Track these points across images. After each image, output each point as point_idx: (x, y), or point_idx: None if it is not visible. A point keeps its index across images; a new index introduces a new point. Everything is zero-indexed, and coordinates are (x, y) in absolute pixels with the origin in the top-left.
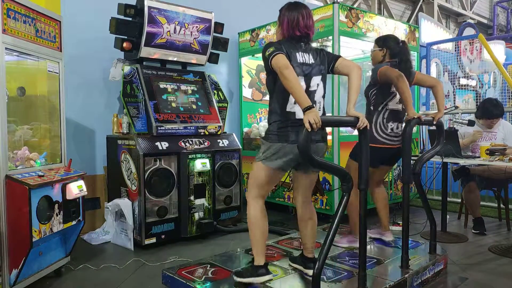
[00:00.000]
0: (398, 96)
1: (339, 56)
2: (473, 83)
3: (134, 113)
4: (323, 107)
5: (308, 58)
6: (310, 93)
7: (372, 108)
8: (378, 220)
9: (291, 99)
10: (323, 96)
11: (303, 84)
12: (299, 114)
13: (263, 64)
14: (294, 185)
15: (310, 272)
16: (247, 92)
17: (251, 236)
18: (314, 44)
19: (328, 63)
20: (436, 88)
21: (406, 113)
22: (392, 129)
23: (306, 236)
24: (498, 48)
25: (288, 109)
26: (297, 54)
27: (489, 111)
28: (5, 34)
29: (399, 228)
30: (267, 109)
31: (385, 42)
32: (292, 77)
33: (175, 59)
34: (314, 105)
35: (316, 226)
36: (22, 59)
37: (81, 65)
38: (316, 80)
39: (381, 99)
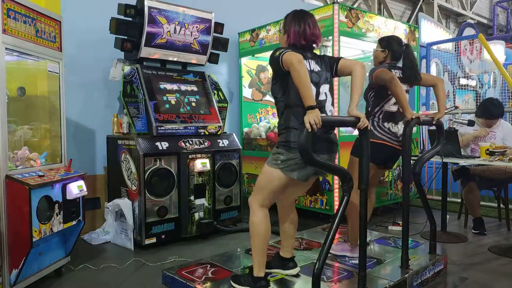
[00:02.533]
0: (394, 98)
1: (340, 58)
2: (473, 83)
3: (134, 113)
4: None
5: (315, 66)
6: (320, 103)
7: (369, 109)
8: (378, 220)
9: None
10: (332, 104)
11: (313, 92)
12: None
13: (263, 65)
14: (290, 188)
15: (290, 271)
16: (247, 92)
17: (253, 245)
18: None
19: (330, 67)
20: (438, 87)
21: (404, 115)
22: (388, 128)
23: (289, 236)
24: (498, 48)
25: None
26: (305, 61)
27: (489, 110)
28: (5, 34)
29: (399, 228)
30: (267, 109)
31: (388, 43)
32: (304, 71)
33: (175, 59)
34: (326, 114)
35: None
36: (22, 59)
37: (81, 65)
38: (324, 89)
39: (377, 101)
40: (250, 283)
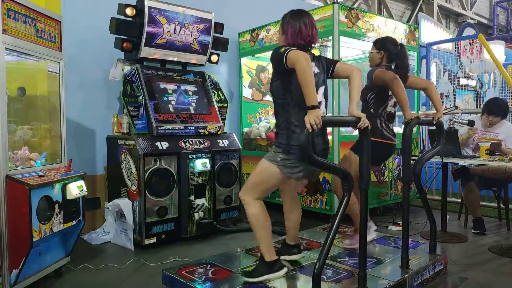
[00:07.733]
0: (393, 99)
1: (337, 61)
2: (473, 83)
3: (134, 113)
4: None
5: (314, 68)
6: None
7: (372, 111)
8: (378, 220)
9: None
10: (326, 106)
11: None
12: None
13: (263, 65)
14: (285, 186)
15: (294, 257)
16: (247, 92)
17: (257, 235)
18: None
19: (327, 68)
20: (429, 90)
21: (404, 115)
22: (392, 129)
23: (293, 225)
24: (498, 48)
25: None
26: None
27: (489, 107)
28: (5, 34)
29: (399, 228)
30: (267, 109)
31: (383, 44)
32: (310, 70)
33: (175, 59)
34: None
35: (301, 214)
36: (22, 59)
37: (81, 65)
38: (321, 91)
39: (381, 103)
40: (266, 270)
